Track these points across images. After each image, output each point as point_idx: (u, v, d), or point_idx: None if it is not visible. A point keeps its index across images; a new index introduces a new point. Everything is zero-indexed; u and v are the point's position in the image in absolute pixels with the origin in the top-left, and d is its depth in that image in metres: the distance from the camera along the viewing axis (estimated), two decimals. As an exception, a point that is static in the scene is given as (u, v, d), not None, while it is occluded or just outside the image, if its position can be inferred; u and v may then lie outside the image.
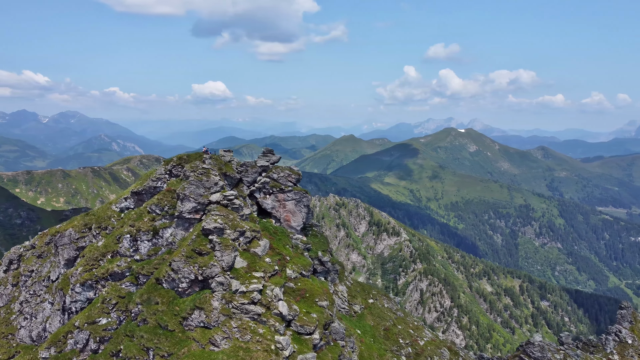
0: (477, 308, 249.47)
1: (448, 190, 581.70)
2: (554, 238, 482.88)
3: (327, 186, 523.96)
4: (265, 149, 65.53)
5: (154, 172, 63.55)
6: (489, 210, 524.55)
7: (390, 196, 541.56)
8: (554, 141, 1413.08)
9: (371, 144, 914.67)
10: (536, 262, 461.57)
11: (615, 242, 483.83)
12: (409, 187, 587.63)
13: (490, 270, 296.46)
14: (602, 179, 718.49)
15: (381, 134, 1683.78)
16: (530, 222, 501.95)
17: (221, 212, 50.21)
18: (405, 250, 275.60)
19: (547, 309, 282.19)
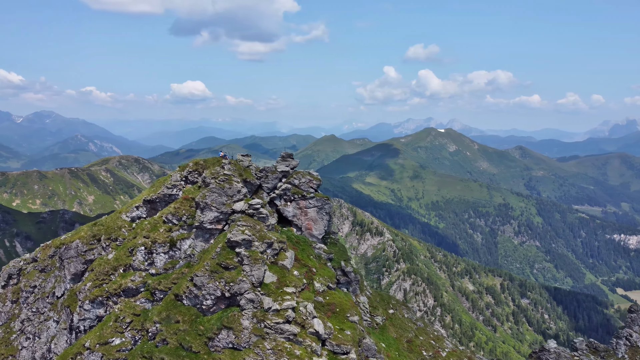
0: (459, 307, 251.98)
1: (429, 189, 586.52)
2: (533, 236, 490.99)
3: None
4: (284, 152, 62.10)
5: (168, 179, 59.84)
6: (469, 210, 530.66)
7: (372, 196, 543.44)
8: (531, 141, 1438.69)
9: (352, 144, 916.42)
10: (515, 260, 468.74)
11: (592, 240, 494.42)
12: (390, 187, 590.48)
13: (472, 269, 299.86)
14: (578, 178, 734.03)
15: (362, 133, 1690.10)
16: (509, 220, 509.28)
17: (247, 223, 47.07)
18: (388, 250, 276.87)
19: (528, 306, 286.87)
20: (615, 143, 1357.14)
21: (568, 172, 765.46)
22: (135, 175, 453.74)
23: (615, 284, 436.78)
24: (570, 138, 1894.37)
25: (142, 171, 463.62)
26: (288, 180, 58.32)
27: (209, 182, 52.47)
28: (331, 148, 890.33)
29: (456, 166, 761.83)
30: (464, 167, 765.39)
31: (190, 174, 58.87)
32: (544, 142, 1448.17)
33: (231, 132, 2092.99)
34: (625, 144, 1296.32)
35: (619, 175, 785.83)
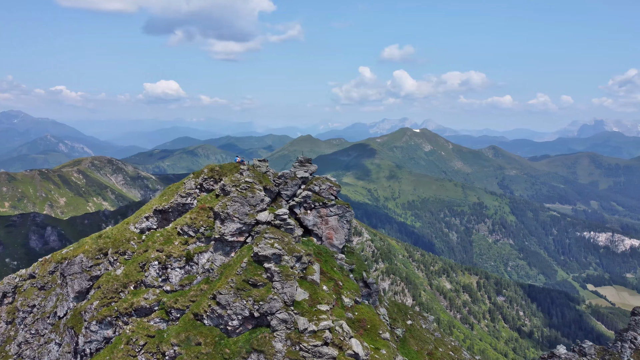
0: (437, 305, 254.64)
1: (405, 189, 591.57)
2: (506, 234, 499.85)
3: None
4: (302, 157, 58.93)
5: (181, 187, 55.71)
6: (445, 209, 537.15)
7: (349, 196, 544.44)
8: (503, 141, 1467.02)
9: (329, 144, 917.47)
10: (490, 258, 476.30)
11: (563, 237, 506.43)
12: (366, 187, 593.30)
13: (449, 267, 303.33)
14: (549, 177, 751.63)
15: (338, 134, 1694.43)
16: (484, 219, 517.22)
17: (275, 235, 43.76)
18: (367, 250, 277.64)
19: (503, 304, 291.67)
20: (583, 143, 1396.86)
21: (539, 171, 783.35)
22: (109, 177, 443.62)
23: (585, 280, 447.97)
24: (540, 138, 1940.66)
25: (116, 172, 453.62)
26: (308, 186, 55.01)
27: (229, 190, 49.24)
28: (308, 148, 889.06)
29: (431, 166, 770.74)
30: (439, 166, 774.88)
31: (206, 182, 55.39)
32: (515, 142, 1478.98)
33: (206, 132, 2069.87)
34: (593, 143, 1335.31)
35: (588, 174, 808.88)
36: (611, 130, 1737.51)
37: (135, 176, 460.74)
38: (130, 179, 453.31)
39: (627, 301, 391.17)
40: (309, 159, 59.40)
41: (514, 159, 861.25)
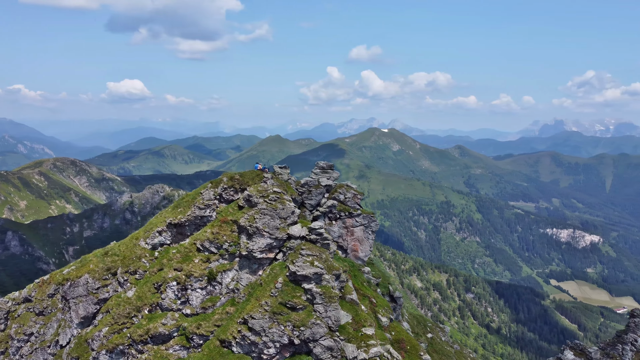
0: (409, 304, 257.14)
1: (374, 189, 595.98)
2: (473, 232, 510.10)
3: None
4: (324, 163, 55.07)
5: (198, 197, 51.35)
6: (413, 208, 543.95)
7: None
8: (469, 140, 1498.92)
9: (297, 144, 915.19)
10: (457, 256, 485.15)
11: (527, 234, 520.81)
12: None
13: (419, 266, 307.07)
14: (512, 176, 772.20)
15: (306, 134, 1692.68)
16: (451, 217, 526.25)
17: (313, 251, 40.29)
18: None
19: (472, 300, 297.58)
20: (544, 142, 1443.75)
21: (504, 169, 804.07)
22: (72, 179, 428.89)
23: (549, 275, 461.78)
24: (504, 137, 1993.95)
25: (80, 174, 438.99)
26: (332, 195, 51.54)
27: (256, 201, 45.05)
28: (277, 148, 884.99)
29: (400, 165, 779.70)
30: (407, 166, 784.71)
31: (225, 192, 50.98)
32: (480, 142, 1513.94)
33: (172, 132, 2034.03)
34: (553, 142, 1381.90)
35: (549, 173, 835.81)
36: (570, 130, 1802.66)
37: (100, 178, 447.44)
38: (95, 180, 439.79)
39: (588, 295, 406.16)
40: (331, 164, 55.33)
41: (479, 158, 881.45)
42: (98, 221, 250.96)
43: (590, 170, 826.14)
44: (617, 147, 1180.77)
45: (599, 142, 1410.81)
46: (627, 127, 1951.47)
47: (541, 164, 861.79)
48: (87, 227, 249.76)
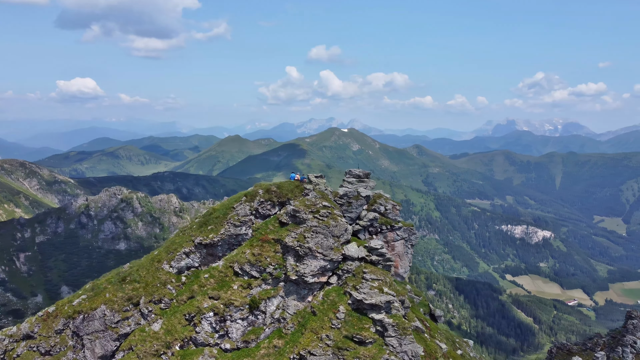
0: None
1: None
2: (432, 230, 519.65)
3: (216, 188, 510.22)
4: (359, 171, 50.84)
5: (231, 213, 45.33)
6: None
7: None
8: (426, 140, 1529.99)
9: (257, 144, 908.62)
10: (417, 254, 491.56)
11: (483, 231, 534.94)
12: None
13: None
14: (468, 174, 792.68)
15: (265, 134, 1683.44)
16: (411, 216, 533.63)
17: (377, 275, 36.31)
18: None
19: (434, 297, 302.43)
20: (498, 141, 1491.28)
21: (460, 168, 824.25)
22: (22, 182, 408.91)
23: (504, 270, 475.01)
24: (459, 137, 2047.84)
25: (30, 176, 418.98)
26: (372, 207, 47.05)
27: (304, 218, 40.48)
28: (236, 148, 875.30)
29: (360, 165, 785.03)
30: (367, 165, 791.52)
31: (262, 206, 45.46)
32: (437, 141, 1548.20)
33: (127, 132, 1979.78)
34: (506, 142, 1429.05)
35: (503, 171, 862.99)
36: (522, 129, 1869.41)
37: (52, 180, 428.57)
38: (46, 183, 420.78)
39: (541, 289, 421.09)
40: (368, 172, 51.46)
41: (437, 157, 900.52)
42: (51, 226, 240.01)
43: (541, 168, 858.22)
44: (565, 146, 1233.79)
45: (548, 141, 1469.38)
46: (574, 127, 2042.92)
47: (495, 163, 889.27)
48: (40, 232, 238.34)
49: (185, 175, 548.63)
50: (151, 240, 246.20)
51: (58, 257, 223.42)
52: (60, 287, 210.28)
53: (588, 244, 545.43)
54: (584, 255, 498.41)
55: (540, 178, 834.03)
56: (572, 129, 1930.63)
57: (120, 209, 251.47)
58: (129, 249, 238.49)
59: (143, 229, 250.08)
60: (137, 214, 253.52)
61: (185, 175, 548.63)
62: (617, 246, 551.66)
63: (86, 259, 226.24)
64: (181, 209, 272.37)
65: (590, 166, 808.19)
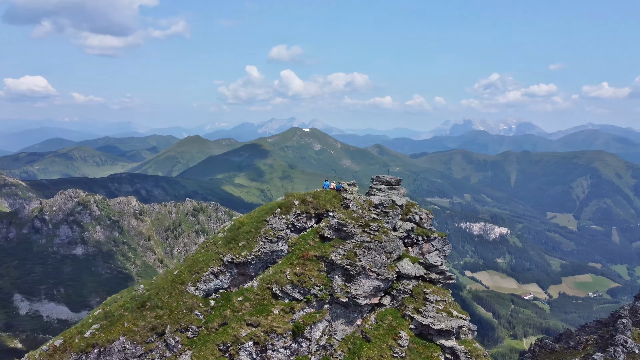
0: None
1: (298, 188, 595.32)
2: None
3: (176, 189, 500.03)
4: (391, 177, 47.22)
5: (265, 227, 41.16)
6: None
7: (242, 197, 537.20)
8: (386, 139, 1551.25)
9: (218, 145, 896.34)
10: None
11: (443, 229, 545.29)
12: (260, 188, 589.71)
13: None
14: (428, 173, 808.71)
15: (226, 134, 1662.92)
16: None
17: (440, 296, 33.85)
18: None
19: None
20: (455, 141, 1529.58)
21: (420, 167, 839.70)
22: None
23: (464, 267, 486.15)
24: (418, 136, 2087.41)
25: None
26: (407, 216, 43.74)
27: (352, 232, 36.87)
28: (196, 149, 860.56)
29: (322, 164, 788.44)
30: (329, 165, 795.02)
31: (298, 218, 41.46)
32: (396, 141, 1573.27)
33: (81, 133, 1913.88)
34: (464, 141, 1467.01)
35: (461, 170, 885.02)
36: (478, 129, 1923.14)
37: (2, 183, 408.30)
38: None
39: (499, 284, 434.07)
40: (399, 179, 47.43)
41: (397, 156, 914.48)
42: (2, 231, 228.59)
43: (497, 167, 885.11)
44: (519, 145, 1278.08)
45: (503, 140, 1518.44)
46: (527, 127, 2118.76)
47: (453, 162, 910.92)
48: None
49: (144, 177, 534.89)
50: (110, 245, 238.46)
51: (10, 264, 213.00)
52: (12, 295, 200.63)
53: (542, 239, 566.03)
54: (539, 250, 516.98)
55: (496, 176, 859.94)
56: (525, 129, 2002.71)
57: (77, 212, 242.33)
58: (86, 254, 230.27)
59: (101, 232, 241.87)
60: (95, 217, 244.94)
61: (144, 177, 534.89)
62: (568, 241, 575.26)
63: (40, 265, 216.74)
64: (141, 212, 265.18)
65: (543, 165, 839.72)
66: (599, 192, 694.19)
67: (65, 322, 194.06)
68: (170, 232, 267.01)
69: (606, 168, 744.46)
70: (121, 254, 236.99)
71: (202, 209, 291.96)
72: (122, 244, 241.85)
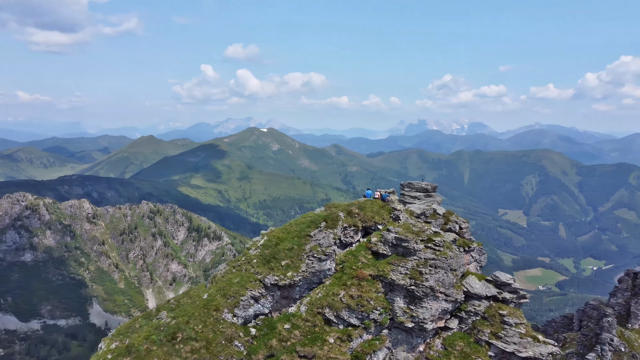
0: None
1: (256, 189, 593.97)
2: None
3: (130, 191, 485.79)
4: (426, 184, 43.91)
5: (311, 243, 36.81)
6: (295, 206, 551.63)
7: (199, 199, 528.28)
8: (343, 139, 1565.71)
9: (173, 145, 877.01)
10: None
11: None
12: (217, 189, 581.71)
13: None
14: (385, 172, 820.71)
15: (181, 134, 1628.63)
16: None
17: (519, 318, 30.89)
18: (228, 254, 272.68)
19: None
20: (411, 140, 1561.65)
21: (377, 166, 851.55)
22: None
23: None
24: (374, 136, 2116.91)
25: None
26: (446, 226, 40.41)
27: (414, 248, 33.36)
28: (150, 149, 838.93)
29: (280, 164, 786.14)
30: (288, 165, 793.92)
31: (345, 232, 37.68)
32: (353, 140, 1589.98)
33: (26, 133, 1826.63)
34: (419, 140, 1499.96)
35: (416, 168, 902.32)
36: (432, 129, 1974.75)
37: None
38: None
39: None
40: (435, 185, 44.44)
41: (354, 156, 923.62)
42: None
43: (451, 165, 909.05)
44: (472, 144, 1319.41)
45: (456, 139, 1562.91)
46: (478, 126, 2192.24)
47: (409, 161, 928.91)
48: None
49: (96, 179, 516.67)
50: (62, 250, 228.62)
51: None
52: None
53: (494, 235, 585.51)
54: (491, 246, 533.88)
55: (450, 175, 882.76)
56: (477, 129, 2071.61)
57: (25, 216, 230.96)
58: (35, 260, 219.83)
59: (52, 237, 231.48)
60: (45, 221, 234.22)
61: (96, 179, 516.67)
62: (519, 237, 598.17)
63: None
64: (95, 215, 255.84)
65: (495, 163, 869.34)
66: (547, 189, 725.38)
67: (14, 333, 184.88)
68: (126, 235, 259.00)
69: (553, 166, 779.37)
70: (73, 260, 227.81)
71: (159, 212, 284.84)
72: (74, 249, 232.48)
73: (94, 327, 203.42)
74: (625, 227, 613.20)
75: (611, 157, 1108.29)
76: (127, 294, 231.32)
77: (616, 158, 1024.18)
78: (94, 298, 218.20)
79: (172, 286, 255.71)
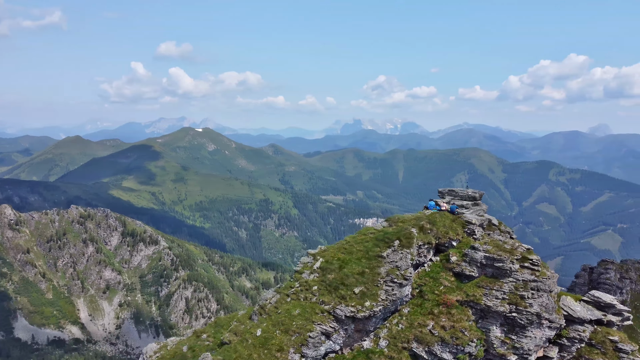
0: (241, 306, 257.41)
1: (192, 190, 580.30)
2: (291, 227, 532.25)
3: (56, 196, 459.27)
4: (472, 191, 41.39)
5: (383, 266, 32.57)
6: (233, 207, 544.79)
7: (132, 202, 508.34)
8: (280, 139, 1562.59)
9: (102, 146, 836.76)
10: (278, 252, 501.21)
11: (339, 225, 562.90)
12: (151, 191, 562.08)
13: (247, 266, 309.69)
14: (322, 171, 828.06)
15: (110, 134, 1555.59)
16: (270, 214, 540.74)
17: (632, 344, 28.53)
18: (165, 259, 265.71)
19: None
20: (347, 140, 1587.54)
21: (314, 166, 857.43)
22: None
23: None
24: (311, 135, 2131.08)
25: None
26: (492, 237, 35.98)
27: (509, 268, 29.55)
28: (77, 151, 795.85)
29: (216, 165, 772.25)
30: (224, 165, 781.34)
31: (419, 251, 33.77)
32: (290, 140, 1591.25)
33: None
34: (354, 140, 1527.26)
35: (353, 168, 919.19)
36: (367, 128, 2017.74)
37: None
38: None
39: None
40: (482, 192, 41.41)
41: (292, 155, 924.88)
42: None
43: (386, 164, 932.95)
44: (405, 144, 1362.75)
45: (390, 139, 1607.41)
46: (411, 126, 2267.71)
47: (346, 160, 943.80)
48: None
49: (17, 182, 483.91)
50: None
51: None
52: None
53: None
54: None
55: (385, 173, 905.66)
56: (410, 128, 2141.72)
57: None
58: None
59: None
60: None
61: (17, 182, 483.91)
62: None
63: None
64: (18, 221, 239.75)
65: (427, 161, 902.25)
66: (476, 185, 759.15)
67: None
68: (54, 242, 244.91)
69: (481, 164, 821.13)
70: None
71: (90, 216, 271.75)
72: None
73: (19, 342, 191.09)
74: (546, 220, 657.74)
75: (533, 154, 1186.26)
76: (56, 305, 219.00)
77: (537, 156, 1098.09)
78: (18, 311, 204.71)
79: (105, 294, 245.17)
